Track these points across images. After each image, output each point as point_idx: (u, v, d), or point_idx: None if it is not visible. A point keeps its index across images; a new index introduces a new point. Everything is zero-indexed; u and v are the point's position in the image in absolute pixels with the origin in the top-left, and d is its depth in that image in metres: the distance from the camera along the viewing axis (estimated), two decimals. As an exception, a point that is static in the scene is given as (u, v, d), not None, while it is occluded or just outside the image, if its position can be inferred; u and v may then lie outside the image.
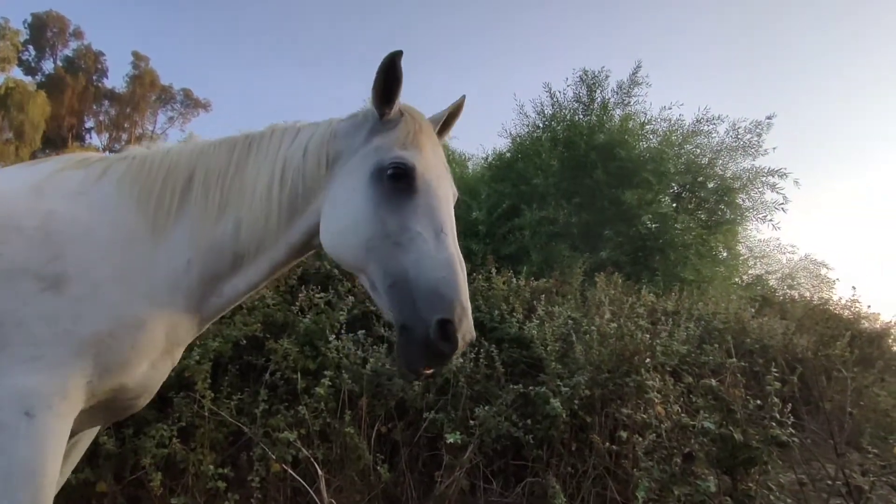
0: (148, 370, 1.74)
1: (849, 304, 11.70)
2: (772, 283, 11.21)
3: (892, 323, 12.14)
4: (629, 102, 10.32)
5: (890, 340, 11.62)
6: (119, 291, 1.64)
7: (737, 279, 10.47)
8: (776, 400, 2.26)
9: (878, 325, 11.28)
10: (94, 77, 39.51)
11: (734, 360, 3.11)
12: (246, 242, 1.76)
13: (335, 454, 3.18)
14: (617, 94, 10.35)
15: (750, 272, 11.26)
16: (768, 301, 9.80)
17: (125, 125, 40.63)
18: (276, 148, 1.81)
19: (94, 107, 39.85)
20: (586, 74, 10.36)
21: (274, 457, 2.88)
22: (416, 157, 1.68)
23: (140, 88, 39.49)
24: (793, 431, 2.22)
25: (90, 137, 40.02)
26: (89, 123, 40.54)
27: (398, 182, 1.63)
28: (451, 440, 3.11)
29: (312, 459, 2.82)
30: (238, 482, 3.06)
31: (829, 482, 2.23)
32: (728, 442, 2.15)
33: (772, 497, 2.08)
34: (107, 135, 40.41)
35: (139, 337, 1.67)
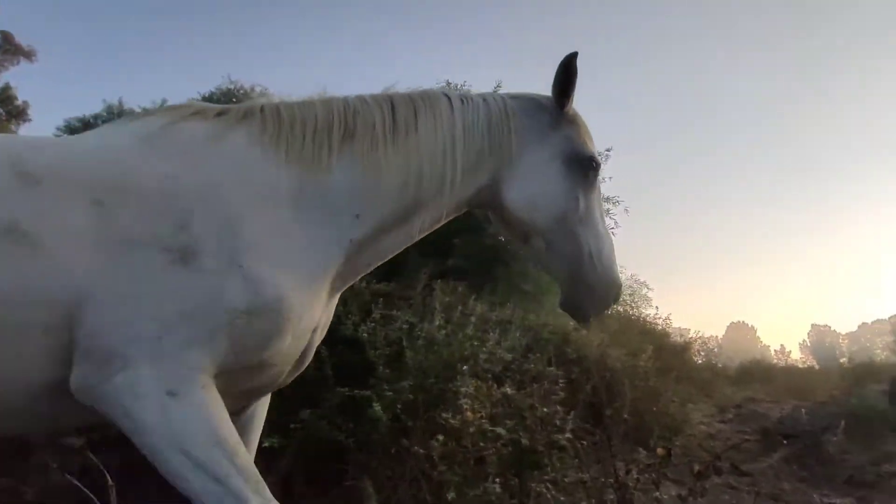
0: (292, 342, 1.60)
1: (661, 320, 13.44)
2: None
3: (694, 338, 14.25)
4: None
5: (692, 353, 13.53)
6: (256, 262, 1.49)
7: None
8: (558, 408, 2.51)
9: (682, 340, 13.10)
10: None
11: (552, 368, 3.39)
12: (419, 197, 1.79)
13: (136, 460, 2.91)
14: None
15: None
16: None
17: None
18: (449, 112, 1.86)
19: None
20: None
21: (55, 465, 2.56)
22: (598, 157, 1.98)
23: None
24: (569, 436, 2.49)
25: None
26: None
27: (591, 173, 1.91)
28: (267, 444, 3.00)
29: (102, 467, 2.56)
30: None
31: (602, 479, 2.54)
32: (517, 446, 2.36)
33: (549, 496, 2.31)
34: None
35: (285, 312, 1.52)
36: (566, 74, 1.86)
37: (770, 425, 6.11)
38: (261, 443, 3.14)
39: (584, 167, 1.89)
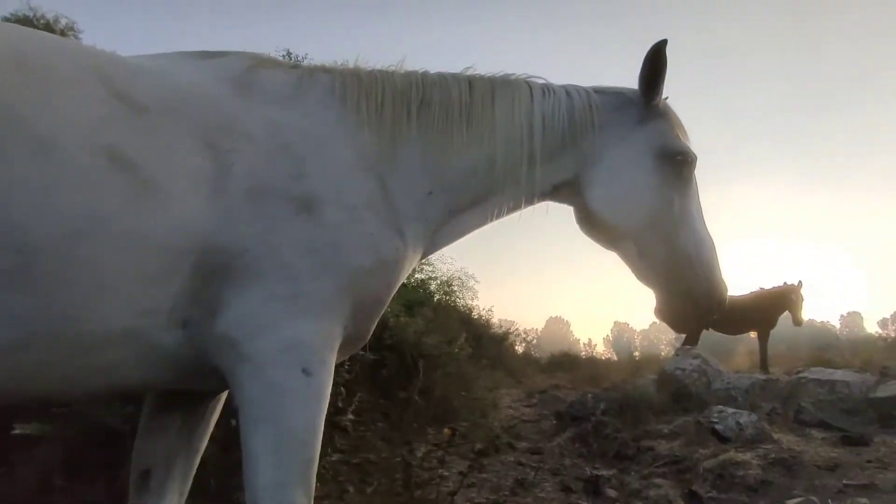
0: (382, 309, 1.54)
1: (484, 311, 14.39)
2: (432, 287, 12.85)
3: (513, 329, 15.47)
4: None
5: (509, 343, 14.66)
6: (374, 221, 1.44)
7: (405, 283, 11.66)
8: (342, 390, 2.55)
9: (501, 330, 14.16)
10: None
11: (365, 352, 3.38)
12: (490, 182, 1.69)
13: None
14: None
15: (416, 276, 12.72)
16: (425, 303, 11.21)
17: None
18: (529, 99, 1.75)
19: None
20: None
21: None
22: (692, 150, 1.80)
23: None
24: (352, 417, 2.54)
25: None
26: None
27: (685, 169, 1.76)
28: (20, 431, 2.61)
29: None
30: None
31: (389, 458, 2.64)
32: None
33: (328, 476, 2.33)
34: None
35: (395, 274, 1.50)
36: (654, 65, 1.72)
37: (563, 409, 6.79)
38: (13, 429, 2.73)
39: (677, 163, 1.74)
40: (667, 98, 1.85)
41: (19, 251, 1.05)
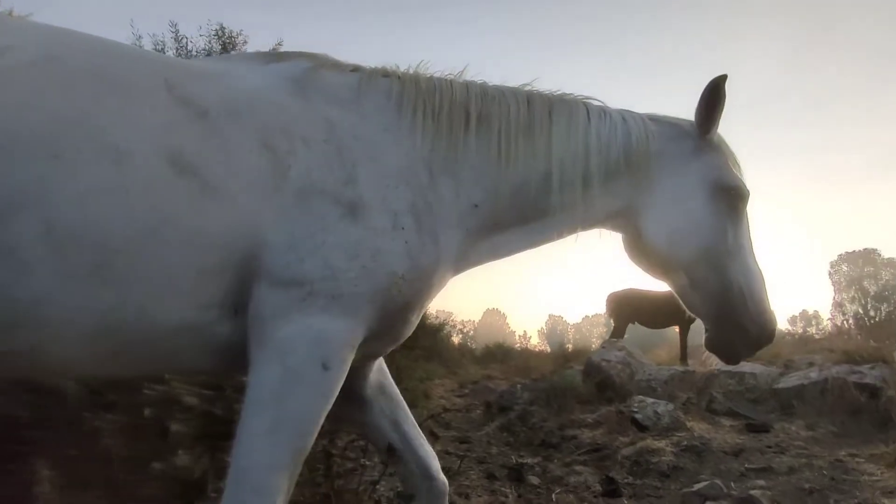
0: (417, 315, 1.59)
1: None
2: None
3: (449, 321, 15.58)
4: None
5: (445, 334, 14.77)
6: (415, 228, 1.46)
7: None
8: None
9: (437, 321, 14.23)
10: None
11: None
12: (547, 201, 1.69)
13: None
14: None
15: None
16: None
17: None
18: (586, 120, 1.74)
19: None
20: (222, 31, 9.93)
21: None
22: (746, 185, 1.84)
23: None
24: None
25: None
26: None
27: (740, 202, 1.79)
28: None
29: None
30: None
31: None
32: (210, 417, 2.27)
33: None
34: None
35: (427, 281, 1.51)
36: (713, 98, 1.75)
37: (494, 398, 6.92)
38: None
39: (731, 197, 1.76)
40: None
41: (100, 249, 1.17)
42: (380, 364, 1.90)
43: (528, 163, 1.67)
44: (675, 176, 1.79)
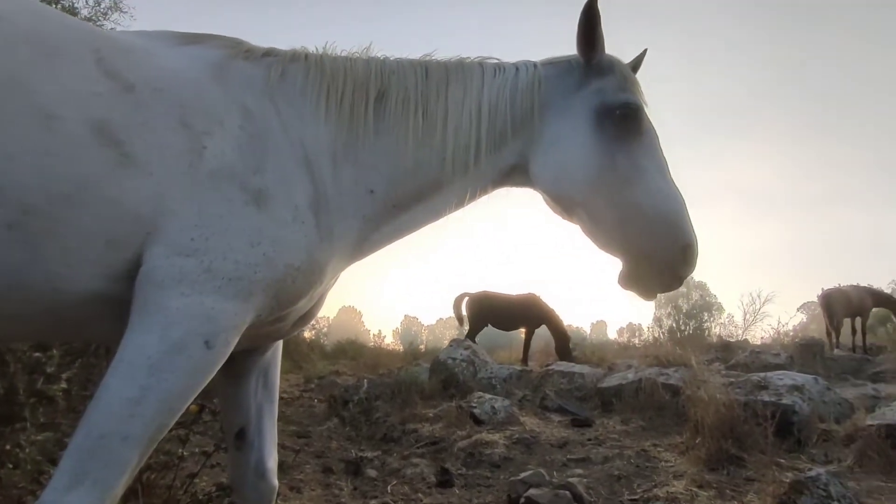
0: (307, 303, 1.60)
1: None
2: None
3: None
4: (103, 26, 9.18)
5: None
6: (314, 222, 1.48)
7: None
8: (54, 352, 2.18)
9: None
10: None
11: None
12: (438, 176, 1.66)
13: None
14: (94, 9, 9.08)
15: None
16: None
17: None
18: (480, 83, 1.70)
19: None
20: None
21: None
22: (639, 99, 1.72)
23: None
24: (65, 386, 2.17)
25: None
26: None
27: (627, 121, 1.65)
28: None
29: None
30: None
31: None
32: None
33: (21, 455, 1.94)
34: None
35: (322, 272, 1.53)
36: (588, 21, 1.66)
37: (338, 393, 6.77)
38: None
39: (619, 118, 1.63)
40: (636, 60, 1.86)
41: (16, 207, 1.17)
42: (276, 349, 1.90)
43: (427, 139, 1.64)
44: (560, 114, 1.69)
